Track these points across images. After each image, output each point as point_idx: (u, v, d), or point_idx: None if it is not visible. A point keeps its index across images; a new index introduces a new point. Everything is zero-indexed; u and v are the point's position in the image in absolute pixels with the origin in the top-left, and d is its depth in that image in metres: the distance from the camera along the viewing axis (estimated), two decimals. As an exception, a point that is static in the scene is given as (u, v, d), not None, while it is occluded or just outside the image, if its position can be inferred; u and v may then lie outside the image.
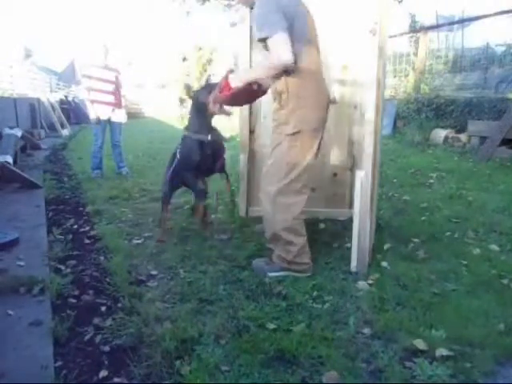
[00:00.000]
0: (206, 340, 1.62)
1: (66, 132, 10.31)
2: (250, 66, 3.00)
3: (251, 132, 3.14)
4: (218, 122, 2.78)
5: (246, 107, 3.11)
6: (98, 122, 4.81)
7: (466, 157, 5.53)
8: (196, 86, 15.96)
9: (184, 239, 2.71)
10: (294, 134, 2.11)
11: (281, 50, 1.94)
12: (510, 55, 7.86)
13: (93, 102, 4.80)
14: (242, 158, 3.15)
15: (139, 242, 2.71)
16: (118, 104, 4.93)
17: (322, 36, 2.98)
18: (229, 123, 6.85)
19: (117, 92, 4.92)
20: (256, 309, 1.84)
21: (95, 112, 4.79)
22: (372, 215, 2.34)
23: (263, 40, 2.01)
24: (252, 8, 2.22)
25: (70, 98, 14.17)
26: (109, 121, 4.91)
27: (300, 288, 2.03)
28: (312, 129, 2.15)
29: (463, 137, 6.43)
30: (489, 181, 4.19)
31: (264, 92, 2.34)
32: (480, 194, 3.71)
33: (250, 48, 3.04)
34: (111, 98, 4.87)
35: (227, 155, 2.89)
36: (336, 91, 3.06)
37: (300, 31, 2.05)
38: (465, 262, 2.31)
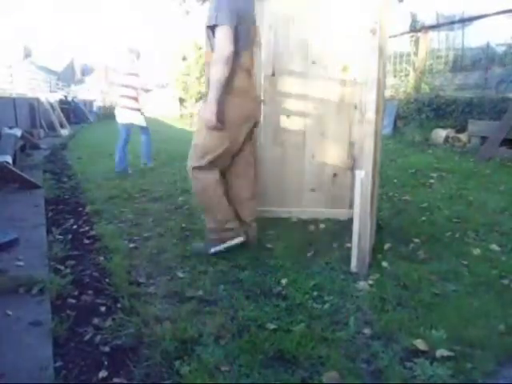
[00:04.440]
0: (205, 340, 1.62)
1: (65, 132, 10.31)
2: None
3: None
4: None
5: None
6: (127, 126, 5.12)
7: (467, 157, 5.53)
8: (196, 85, 15.98)
9: (184, 239, 2.71)
10: (218, 121, 2.28)
11: (225, 42, 2.17)
12: (511, 55, 7.86)
13: (123, 107, 5.09)
14: (242, 157, 3.15)
15: (139, 241, 2.70)
16: (140, 108, 5.26)
17: (321, 36, 3.00)
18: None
19: (138, 96, 5.19)
20: (256, 309, 1.84)
21: (124, 117, 5.10)
22: (372, 215, 2.34)
23: (212, 28, 2.23)
24: None
25: (69, 98, 14.17)
26: (132, 124, 5.22)
27: (300, 288, 2.03)
28: (232, 121, 2.32)
29: (464, 137, 6.42)
30: (489, 181, 4.18)
31: None
32: (480, 194, 3.71)
33: (250, 48, 3.04)
34: (136, 103, 5.15)
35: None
36: (336, 91, 3.06)
37: (244, 33, 2.28)
38: (465, 263, 2.31)
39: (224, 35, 2.18)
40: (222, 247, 2.43)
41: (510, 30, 7.86)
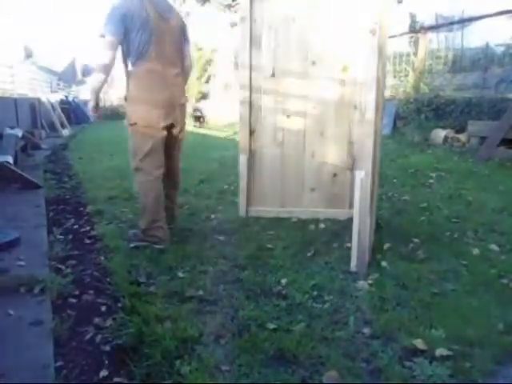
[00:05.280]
0: (206, 340, 1.62)
1: (66, 132, 10.30)
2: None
3: (251, 132, 3.15)
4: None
5: (246, 108, 3.12)
6: None
7: (466, 157, 5.53)
8: (196, 85, 15.97)
9: (184, 239, 2.71)
10: (131, 125, 2.51)
11: (102, 52, 2.41)
12: (510, 55, 7.86)
13: None
14: (242, 158, 3.16)
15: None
16: None
17: (321, 36, 3.00)
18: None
19: None
20: (256, 308, 1.84)
21: None
22: (372, 215, 2.35)
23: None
24: None
25: (70, 98, 14.16)
26: None
27: (300, 288, 2.03)
28: (146, 123, 2.49)
29: (463, 137, 6.42)
30: (488, 181, 4.19)
31: None
32: (480, 193, 3.71)
33: (250, 48, 3.05)
34: None
35: (226, 155, 2.90)
36: (336, 91, 3.07)
37: (142, 41, 2.42)
38: (464, 262, 2.31)
39: (103, 45, 2.42)
40: (141, 244, 2.58)
41: (509, 31, 7.87)
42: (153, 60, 2.45)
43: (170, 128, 2.59)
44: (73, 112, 13.42)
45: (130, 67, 2.52)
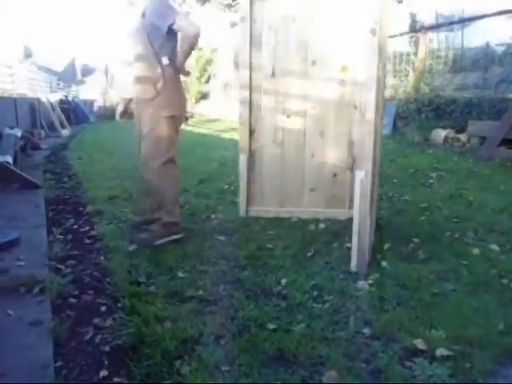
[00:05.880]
0: (206, 340, 1.62)
1: (65, 132, 10.30)
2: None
3: (251, 132, 3.15)
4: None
5: (246, 108, 3.12)
6: None
7: (466, 157, 5.53)
8: (196, 85, 15.98)
9: (184, 239, 2.71)
10: (171, 117, 2.56)
11: (191, 23, 2.44)
12: (510, 55, 7.86)
13: None
14: (242, 158, 3.16)
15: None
16: None
17: (321, 36, 3.00)
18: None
19: None
20: (256, 309, 1.84)
21: None
22: (372, 215, 2.35)
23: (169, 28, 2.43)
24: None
25: (69, 98, 14.16)
26: None
27: (300, 288, 2.03)
28: (182, 113, 2.73)
29: (463, 137, 6.42)
30: (489, 181, 4.19)
31: None
32: (480, 193, 3.71)
33: (250, 48, 3.04)
34: None
35: (226, 155, 2.93)
36: (336, 91, 3.06)
37: (176, 37, 2.55)
38: (465, 262, 2.31)
39: (187, 19, 2.50)
40: (167, 239, 2.60)
41: (509, 31, 7.87)
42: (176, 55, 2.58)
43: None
44: (72, 112, 13.41)
45: (165, 61, 2.52)
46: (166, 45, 2.52)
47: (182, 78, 2.77)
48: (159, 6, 2.49)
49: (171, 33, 2.48)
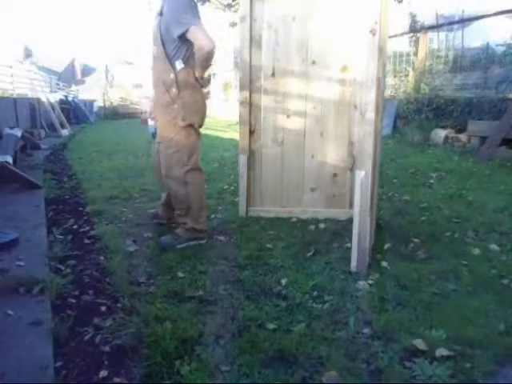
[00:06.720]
0: (206, 340, 1.62)
1: (65, 132, 10.30)
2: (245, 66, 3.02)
3: (251, 132, 3.15)
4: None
5: (246, 108, 3.12)
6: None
7: (466, 157, 5.53)
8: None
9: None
10: (189, 125, 2.50)
11: (207, 37, 2.30)
12: (510, 55, 7.85)
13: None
14: (242, 158, 3.16)
15: (139, 241, 2.70)
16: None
17: (321, 36, 3.00)
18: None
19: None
20: (256, 309, 1.84)
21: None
22: (372, 215, 2.34)
23: (181, 35, 2.33)
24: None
25: (69, 98, 14.16)
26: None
27: (300, 288, 2.03)
28: (201, 120, 2.60)
29: (463, 137, 6.43)
30: (489, 181, 4.19)
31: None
32: (480, 193, 3.71)
33: (250, 47, 3.04)
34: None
35: (226, 155, 2.92)
36: (336, 91, 3.06)
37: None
38: (465, 262, 2.31)
39: (202, 31, 2.33)
40: (190, 244, 2.58)
41: (509, 31, 7.87)
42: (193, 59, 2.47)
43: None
44: (72, 112, 13.43)
45: (180, 65, 2.41)
46: (180, 48, 2.40)
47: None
48: (176, 8, 2.34)
49: (183, 37, 2.35)
